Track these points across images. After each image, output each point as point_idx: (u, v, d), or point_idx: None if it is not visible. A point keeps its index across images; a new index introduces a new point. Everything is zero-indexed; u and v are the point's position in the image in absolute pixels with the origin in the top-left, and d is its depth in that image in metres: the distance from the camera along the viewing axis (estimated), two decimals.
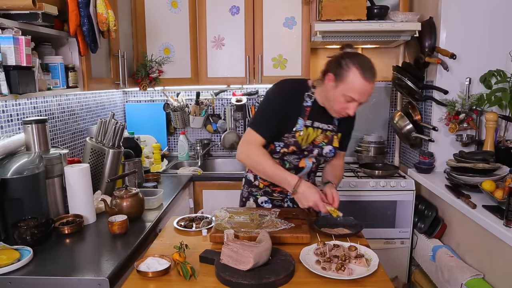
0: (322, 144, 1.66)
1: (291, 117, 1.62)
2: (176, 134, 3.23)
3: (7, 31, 1.38)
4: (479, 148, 2.30)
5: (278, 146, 1.65)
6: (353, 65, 1.47)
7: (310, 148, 1.65)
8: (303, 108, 1.63)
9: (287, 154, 1.67)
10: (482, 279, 1.78)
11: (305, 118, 1.63)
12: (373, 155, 2.87)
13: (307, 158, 1.69)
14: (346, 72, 1.47)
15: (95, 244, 1.50)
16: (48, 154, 1.65)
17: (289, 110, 1.62)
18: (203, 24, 2.75)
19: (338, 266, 1.19)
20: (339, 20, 2.43)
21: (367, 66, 1.48)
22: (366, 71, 1.46)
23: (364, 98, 1.51)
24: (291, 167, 1.69)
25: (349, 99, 1.50)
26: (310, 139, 1.64)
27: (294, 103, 1.63)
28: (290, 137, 1.62)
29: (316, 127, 1.65)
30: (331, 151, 1.68)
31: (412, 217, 2.54)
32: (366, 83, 1.46)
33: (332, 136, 1.68)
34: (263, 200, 1.80)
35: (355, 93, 1.48)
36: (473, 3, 2.26)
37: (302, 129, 1.62)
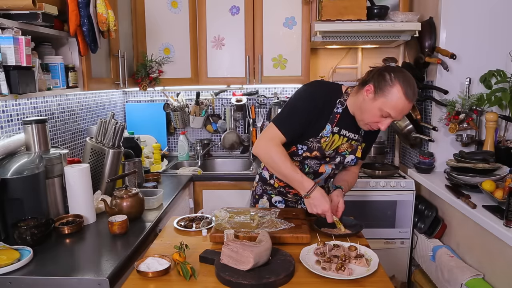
0: (345, 153, 1.64)
1: (320, 121, 1.57)
2: (176, 134, 3.23)
3: (7, 31, 1.37)
4: (479, 148, 2.30)
5: (300, 149, 1.60)
6: (398, 81, 1.41)
7: (333, 155, 1.62)
8: (333, 114, 1.58)
9: (308, 158, 1.63)
10: (482, 279, 1.78)
11: (333, 124, 1.58)
12: (373, 155, 2.87)
13: (327, 164, 1.67)
14: (390, 87, 1.41)
15: (95, 244, 1.50)
16: (48, 154, 1.65)
17: (318, 115, 1.57)
18: (203, 24, 2.75)
19: (338, 266, 1.19)
20: (339, 20, 2.43)
21: (411, 85, 1.42)
22: (409, 90, 1.41)
23: (400, 117, 1.47)
24: (310, 172, 1.67)
25: (385, 114, 1.45)
26: (334, 145, 1.60)
27: (325, 108, 1.58)
28: (315, 142, 1.58)
29: (342, 134, 1.61)
30: (353, 160, 1.66)
31: (412, 217, 2.54)
32: (407, 102, 1.41)
33: (356, 146, 1.65)
34: (277, 199, 1.79)
35: (393, 110, 1.43)
36: (473, 3, 2.26)
37: (329, 135, 1.58)
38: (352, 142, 1.64)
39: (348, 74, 3.07)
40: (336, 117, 1.58)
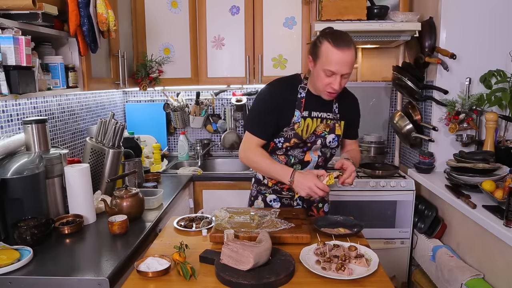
0: (324, 134, 1.66)
1: (288, 111, 1.64)
2: (176, 134, 3.23)
3: (7, 31, 1.38)
4: (479, 148, 2.30)
5: (279, 142, 1.66)
6: (325, 39, 1.50)
7: (312, 139, 1.65)
8: (298, 100, 1.64)
9: (290, 148, 1.67)
10: (482, 279, 1.78)
11: (301, 109, 1.64)
12: (373, 155, 2.87)
13: (312, 151, 1.69)
14: (320, 48, 1.50)
15: (95, 244, 1.50)
16: (48, 154, 1.65)
17: (283, 105, 1.63)
18: (203, 24, 2.75)
19: (338, 266, 1.19)
20: (339, 20, 2.43)
21: (339, 36, 1.49)
22: (339, 41, 1.47)
23: (344, 69, 1.49)
24: (296, 162, 1.69)
25: (328, 73, 1.51)
26: (310, 129, 1.64)
27: (288, 97, 1.65)
28: (289, 130, 1.63)
29: (314, 117, 1.66)
30: (334, 139, 1.68)
31: (412, 217, 2.54)
32: (340, 52, 1.46)
33: (333, 124, 1.68)
34: (271, 198, 1.79)
35: (332, 65, 1.48)
36: (473, 3, 2.26)
37: (300, 121, 1.64)
38: (327, 121, 1.67)
39: None
40: (302, 102, 1.64)
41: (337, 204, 2.53)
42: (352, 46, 1.49)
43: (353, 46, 1.50)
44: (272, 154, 1.71)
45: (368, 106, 3.03)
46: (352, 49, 1.49)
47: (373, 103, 3.03)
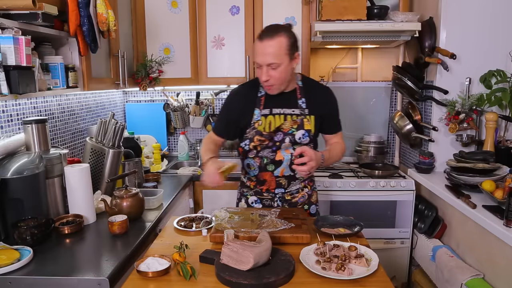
0: (292, 131, 1.66)
1: (248, 111, 1.67)
2: (176, 134, 3.23)
3: (7, 31, 1.37)
4: (479, 148, 2.30)
5: (245, 145, 1.69)
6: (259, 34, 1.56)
7: (281, 137, 1.66)
8: (258, 99, 1.67)
9: (260, 149, 1.68)
10: (482, 279, 1.78)
11: (261, 107, 1.66)
12: (373, 155, 2.87)
13: (283, 150, 1.69)
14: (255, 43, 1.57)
15: (95, 244, 1.50)
16: (48, 154, 1.65)
17: (244, 106, 1.68)
18: (203, 24, 2.75)
19: (338, 266, 1.19)
20: (339, 20, 2.43)
21: (266, 29, 1.56)
22: (263, 33, 1.53)
23: (266, 59, 1.52)
24: (268, 162, 1.70)
25: (257, 65, 1.57)
26: (273, 126, 1.65)
27: (247, 98, 1.69)
28: (251, 130, 1.66)
29: (276, 113, 1.67)
30: (304, 135, 1.67)
31: (412, 217, 2.54)
32: (261, 43, 1.52)
33: (301, 120, 1.67)
34: (253, 200, 1.81)
35: (256, 57, 1.55)
36: (473, 3, 2.26)
37: (260, 119, 1.66)
38: (293, 117, 1.67)
39: (348, 74, 3.07)
40: (261, 100, 1.67)
41: (337, 204, 2.53)
42: (277, 35, 1.50)
43: (280, 35, 1.51)
44: (246, 158, 1.75)
45: (368, 106, 3.03)
46: (276, 38, 1.50)
47: (373, 103, 3.03)
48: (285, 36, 1.52)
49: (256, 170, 1.73)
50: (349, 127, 3.05)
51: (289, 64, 1.56)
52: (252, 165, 1.73)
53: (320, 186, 2.52)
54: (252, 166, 1.74)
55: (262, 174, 1.73)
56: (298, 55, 1.59)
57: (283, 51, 1.51)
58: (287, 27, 1.59)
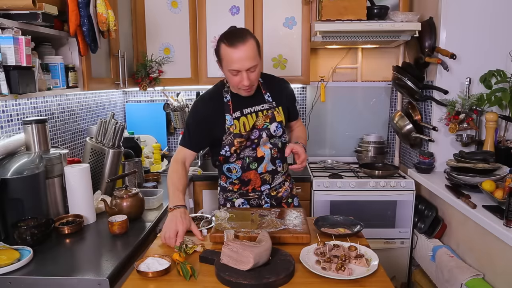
0: (266, 125, 1.68)
1: (219, 120, 1.66)
2: (176, 134, 3.23)
3: (7, 31, 1.37)
4: (479, 148, 2.30)
5: (225, 152, 1.68)
6: (221, 42, 1.53)
7: (257, 134, 1.67)
8: (225, 105, 1.67)
9: (240, 151, 1.68)
10: (482, 279, 1.78)
11: (231, 112, 1.66)
12: (373, 155, 2.87)
13: (262, 146, 1.70)
14: (219, 51, 1.55)
15: (95, 244, 1.50)
16: (48, 154, 1.65)
17: (212, 116, 1.67)
18: (203, 24, 2.75)
19: (338, 266, 1.19)
20: (339, 20, 2.43)
21: (233, 34, 1.53)
22: (232, 39, 1.50)
23: (246, 64, 1.50)
24: (251, 161, 1.71)
25: (234, 72, 1.54)
26: (248, 126, 1.66)
27: (214, 105, 1.68)
28: (227, 136, 1.66)
29: (248, 113, 1.68)
30: (278, 127, 1.70)
31: (412, 217, 2.54)
32: (236, 50, 1.49)
33: (272, 113, 1.69)
34: (239, 202, 1.80)
35: (233, 64, 1.51)
36: (473, 3, 2.26)
37: (233, 123, 1.66)
38: (264, 112, 1.69)
39: (348, 74, 3.07)
40: (229, 105, 1.67)
41: (337, 204, 2.53)
42: (247, 39, 1.50)
43: (250, 38, 1.51)
44: (226, 164, 1.74)
45: (368, 106, 3.03)
46: (247, 42, 1.49)
47: (373, 103, 3.03)
48: (252, 37, 1.54)
49: (239, 172, 1.73)
50: (349, 127, 3.05)
51: (260, 64, 1.60)
52: (234, 168, 1.73)
53: (320, 186, 2.52)
54: (234, 169, 1.74)
55: (245, 175, 1.73)
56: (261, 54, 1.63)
57: (256, 52, 1.54)
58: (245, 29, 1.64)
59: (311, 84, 2.96)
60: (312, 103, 3.04)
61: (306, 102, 3.08)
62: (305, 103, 3.10)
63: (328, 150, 3.11)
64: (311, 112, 3.05)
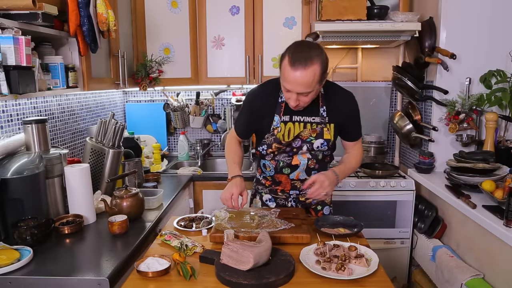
0: (311, 139, 1.62)
1: (267, 116, 1.63)
2: (176, 134, 3.23)
3: (7, 31, 1.37)
4: (479, 148, 2.30)
5: (263, 150, 1.67)
6: (287, 53, 1.42)
7: (298, 144, 1.63)
8: (278, 105, 1.62)
9: (276, 154, 1.67)
10: (482, 279, 1.78)
11: (280, 114, 1.61)
12: (373, 155, 2.87)
13: (300, 155, 1.66)
14: (282, 61, 1.44)
15: (95, 244, 1.50)
16: (48, 154, 1.65)
17: (262, 110, 1.63)
18: (203, 24, 2.75)
19: (338, 266, 1.19)
20: (339, 20, 2.43)
21: (300, 52, 1.39)
22: (296, 59, 1.37)
23: (298, 89, 1.41)
24: (284, 166, 1.69)
25: (285, 89, 1.47)
26: (292, 134, 1.61)
27: (267, 102, 1.63)
28: (270, 136, 1.63)
29: (296, 121, 1.62)
30: (323, 144, 1.62)
31: (412, 217, 2.54)
32: (294, 72, 1.38)
33: (321, 129, 1.61)
34: (267, 198, 1.80)
35: (287, 83, 1.43)
36: (473, 3, 2.26)
37: (280, 125, 1.61)
38: (313, 126, 1.61)
39: (348, 74, 3.07)
40: (281, 106, 1.62)
41: (337, 204, 2.53)
42: (311, 64, 1.37)
43: (315, 63, 1.38)
44: (262, 159, 1.74)
45: (368, 106, 3.03)
46: (310, 68, 1.37)
47: (373, 103, 3.03)
48: (319, 64, 1.40)
49: (272, 171, 1.72)
50: None
51: (319, 88, 1.49)
52: (268, 166, 1.72)
53: None
54: (268, 167, 1.73)
55: (277, 176, 1.72)
56: (327, 75, 1.51)
57: (316, 80, 1.41)
58: (320, 49, 1.45)
59: None
60: None
61: None
62: None
63: None
64: None
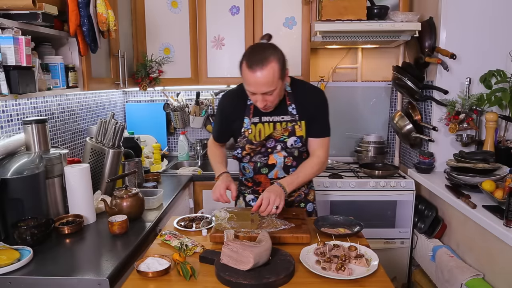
0: (284, 138, 1.65)
1: (238, 119, 1.66)
2: (176, 134, 3.23)
3: (7, 31, 1.37)
4: (479, 148, 2.30)
5: (237, 153, 1.71)
6: (244, 59, 1.46)
7: (272, 144, 1.66)
8: (247, 108, 1.65)
9: (252, 155, 1.69)
10: (482, 279, 1.78)
11: (250, 116, 1.65)
12: (373, 155, 2.87)
13: (275, 153, 1.68)
14: (241, 68, 1.48)
15: (95, 244, 1.50)
16: (48, 154, 1.65)
17: (233, 114, 1.68)
18: (203, 24, 2.75)
19: (338, 266, 1.19)
20: (339, 20, 2.43)
21: (254, 55, 1.43)
22: (253, 61, 1.41)
23: (261, 89, 1.44)
24: (262, 166, 1.71)
25: (250, 93, 1.51)
26: (263, 134, 1.64)
27: (236, 105, 1.67)
28: (242, 139, 1.66)
29: (266, 121, 1.64)
30: (296, 141, 1.65)
31: (412, 217, 2.54)
32: (253, 74, 1.41)
33: (292, 127, 1.63)
34: (250, 198, 1.82)
35: (249, 86, 1.47)
36: (473, 3, 2.26)
37: (250, 127, 1.64)
38: (283, 125, 1.64)
39: (348, 74, 3.07)
40: (250, 108, 1.65)
41: (337, 204, 2.53)
42: (268, 63, 1.40)
43: (271, 61, 1.40)
44: (241, 162, 1.76)
45: (368, 106, 3.03)
46: (267, 67, 1.40)
47: (373, 103, 3.03)
48: (276, 61, 1.42)
49: (251, 172, 1.74)
50: (349, 127, 3.05)
51: (282, 85, 1.51)
52: (247, 167, 1.74)
53: (320, 186, 2.52)
54: (247, 169, 1.75)
55: (257, 177, 1.74)
56: (288, 71, 1.52)
57: (276, 77, 1.43)
58: (274, 47, 1.48)
59: None
60: None
61: None
62: None
63: None
64: None
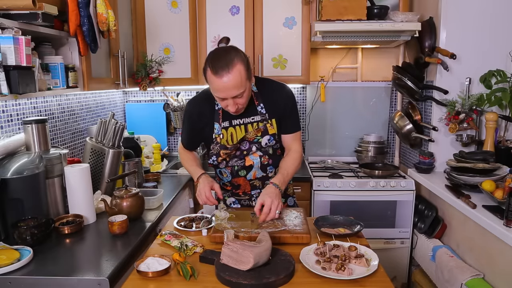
0: (258, 139, 1.64)
1: (208, 126, 1.65)
2: (176, 134, 3.23)
3: (7, 31, 1.37)
4: (479, 148, 2.30)
5: (213, 161, 1.70)
6: (207, 65, 1.43)
7: (247, 146, 1.65)
8: (216, 113, 1.63)
9: (228, 160, 1.68)
10: (482, 279, 1.78)
11: (219, 121, 1.63)
12: (373, 155, 2.87)
13: (251, 155, 1.67)
14: (206, 75, 1.45)
15: (95, 244, 1.50)
16: (48, 154, 1.65)
17: (201, 121, 1.65)
18: (203, 24, 2.75)
19: (338, 266, 1.19)
20: (339, 20, 2.43)
21: (218, 59, 1.40)
22: (217, 67, 1.39)
23: (230, 93, 1.42)
24: (239, 169, 1.70)
25: (219, 99, 1.49)
26: (236, 138, 1.63)
27: (204, 112, 1.64)
28: (215, 146, 1.65)
29: (236, 124, 1.63)
30: (270, 140, 1.65)
31: (412, 217, 2.54)
32: (219, 79, 1.39)
33: (264, 126, 1.62)
34: (231, 201, 1.81)
35: (218, 92, 1.45)
36: (473, 3, 2.26)
37: (221, 132, 1.63)
38: (254, 126, 1.63)
39: (348, 74, 3.07)
40: (219, 113, 1.63)
41: (337, 204, 2.53)
42: (233, 65, 1.38)
43: (236, 63, 1.39)
44: (217, 168, 1.75)
45: (368, 106, 3.03)
46: (233, 70, 1.38)
47: (373, 103, 3.03)
48: (240, 63, 1.41)
49: (229, 176, 1.74)
50: (349, 127, 3.05)
51: (250, 85, 1.49)
52: (225, 172, 1.74)
53: (320, 186, 2.52)
54: (225, 173, 1.74)
55: (235, 180, 1.74)
56: (252, 71, 1.51)
57: (244, 78, 1.42)
58: (236, 49, 1.47)
59: (311, 84, 2.96)
60: (312, 103, 3.04)
61: (306, 102, 3.08)
62: (305, 103, 3.10)
63: (328, 150, 3.11)
64: (311, 112, 3.05)
